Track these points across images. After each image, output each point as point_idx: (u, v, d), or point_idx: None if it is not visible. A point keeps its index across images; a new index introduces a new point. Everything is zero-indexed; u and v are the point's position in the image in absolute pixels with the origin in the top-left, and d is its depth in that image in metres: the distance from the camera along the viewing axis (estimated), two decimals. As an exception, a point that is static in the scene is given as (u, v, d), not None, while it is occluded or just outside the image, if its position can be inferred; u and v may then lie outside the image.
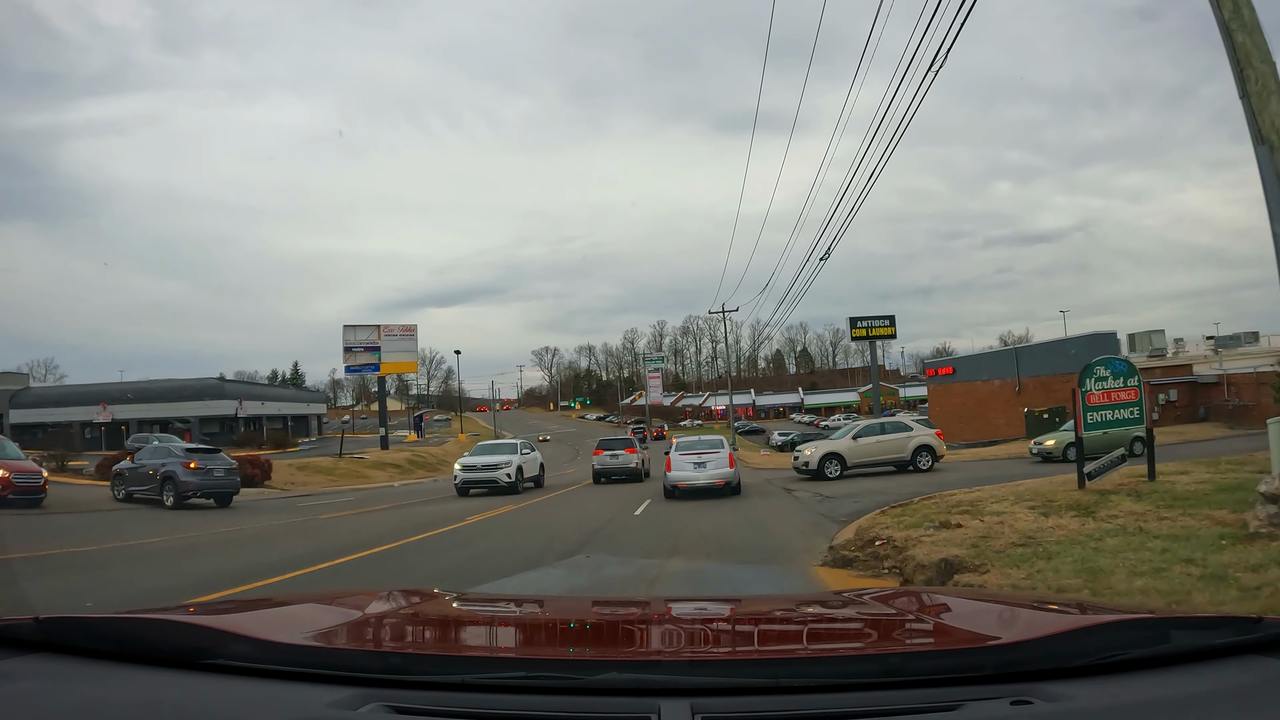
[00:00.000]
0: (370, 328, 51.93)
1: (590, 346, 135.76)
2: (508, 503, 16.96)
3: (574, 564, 7.98)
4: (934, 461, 19.66)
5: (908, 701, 1.09)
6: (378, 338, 51.52)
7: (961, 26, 8.40)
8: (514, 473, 19.53)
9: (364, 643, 1.53)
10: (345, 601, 1.99)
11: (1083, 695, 1.08)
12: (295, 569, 7.70)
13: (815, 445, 19.64)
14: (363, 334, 51.73)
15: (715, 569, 7.56)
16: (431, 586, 3.14)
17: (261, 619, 1.70)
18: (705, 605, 2.38)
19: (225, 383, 64.48)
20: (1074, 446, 15.52)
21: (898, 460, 19.40)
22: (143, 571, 8.17)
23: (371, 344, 51.37)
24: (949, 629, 1.60)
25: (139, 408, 61.57)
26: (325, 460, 38.07)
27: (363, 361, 51.38)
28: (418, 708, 1.10)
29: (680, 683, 1.13)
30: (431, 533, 11.50)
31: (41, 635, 1.28)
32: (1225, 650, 1.19)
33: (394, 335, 51.65)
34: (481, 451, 20.99)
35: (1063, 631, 1.36)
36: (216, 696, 1.14)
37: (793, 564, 7.62)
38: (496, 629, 1.85)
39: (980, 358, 42.52)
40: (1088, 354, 36.67)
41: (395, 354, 51.36)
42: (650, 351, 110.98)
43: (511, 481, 19.47)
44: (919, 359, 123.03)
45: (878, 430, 19.58)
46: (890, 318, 38.09)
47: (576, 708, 1.10)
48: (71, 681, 1.19)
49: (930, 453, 19.61)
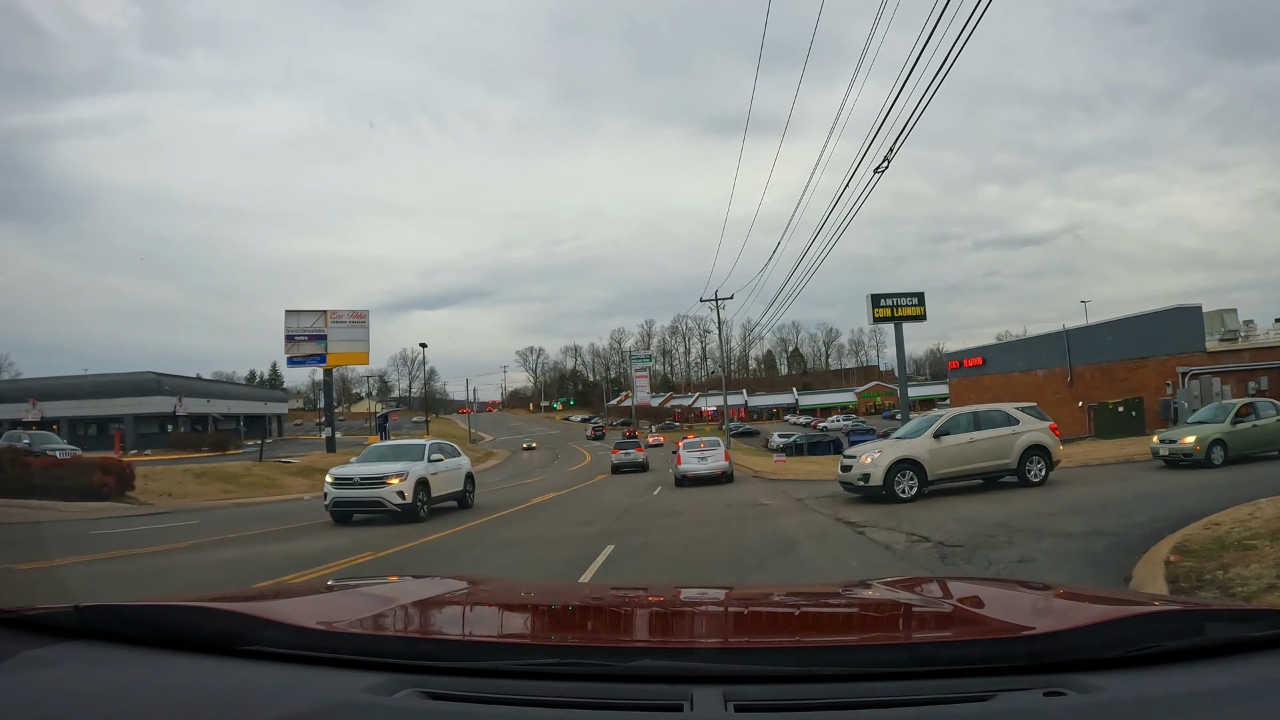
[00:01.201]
0: (315, 313, 44.56)
1: (576, 347, 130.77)
2: (399, 539, 10.06)
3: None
4: (1048, 470, 12.83)
5: (940, 691, 1.06)
6: (324, 325, 44.18)
7: (969, 36, 7.60)
8: (409, 490, 12.41)
9: (397, 629, 1.52)
10: (378, 588, 2.00)
11: (1115, 687, 1.05)
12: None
13: (875, 448, 12.55)
14: (307, 320, 44.34)
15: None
16: (463, 574, 3.00)
17: (295, 605, 1.66)
18: (737, 592, 2.32)
19: (162, 377, 56.77)
20: (1219, 445, 13.14)
21: (999, 469, 12.54)
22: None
23: (317, 332, 44.02)
24: (982, 619, 1.54)
25: (70, 405, 54.35)
26: (237, 466, 30.79)
27: (306, 352, 43.95)
28: (450, 693, 1.08)
29: (712, 670, 1.13)
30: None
31: (80, 622, 1.28)
32: (1260, 643, 1.15)
33: (342, 322, 44.31)
34: (371, 458, 13.90)
35: (1096, 622, 1.26)
36: (251, 681, 1.13)
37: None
38: (529, 616, 1.82)
39: (1018, 345, 35.82)
40: (1167, 332, 29.98)
41: (344, 343, 43.96)
42: (638, 350, 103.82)
43: (406, 504, 12.37)
44: (913, 361, 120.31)
45: (969, 423, 12.55)
46: (919, 295, 31.15)
47: (609, 694, 1.08)
48: (109, 667, 1.19)
49: (1045, 456, 12.76)
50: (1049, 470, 12.80)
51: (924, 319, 31.05)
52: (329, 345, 43.90)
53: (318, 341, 44.07)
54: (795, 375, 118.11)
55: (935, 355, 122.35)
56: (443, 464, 13.79)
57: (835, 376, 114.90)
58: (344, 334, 44.19)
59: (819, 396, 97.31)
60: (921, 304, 30.99)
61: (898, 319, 30.49)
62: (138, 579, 7.82)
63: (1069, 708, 1.01)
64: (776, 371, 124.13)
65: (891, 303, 30.56)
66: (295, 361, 44.64)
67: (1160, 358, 27.48)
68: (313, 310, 44.83)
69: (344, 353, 44.09)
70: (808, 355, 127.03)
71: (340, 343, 43.98)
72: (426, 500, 12.96)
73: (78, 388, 55.73)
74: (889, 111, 9.88)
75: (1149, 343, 27.85)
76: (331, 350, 43.88)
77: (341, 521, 12.86)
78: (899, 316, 30.51)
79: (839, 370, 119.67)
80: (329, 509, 12.89)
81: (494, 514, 13.99)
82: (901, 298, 30.80)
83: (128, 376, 56.14)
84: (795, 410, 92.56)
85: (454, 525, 12.15)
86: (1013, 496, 11.66)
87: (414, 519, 12.46)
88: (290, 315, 44.42)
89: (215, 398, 64.36)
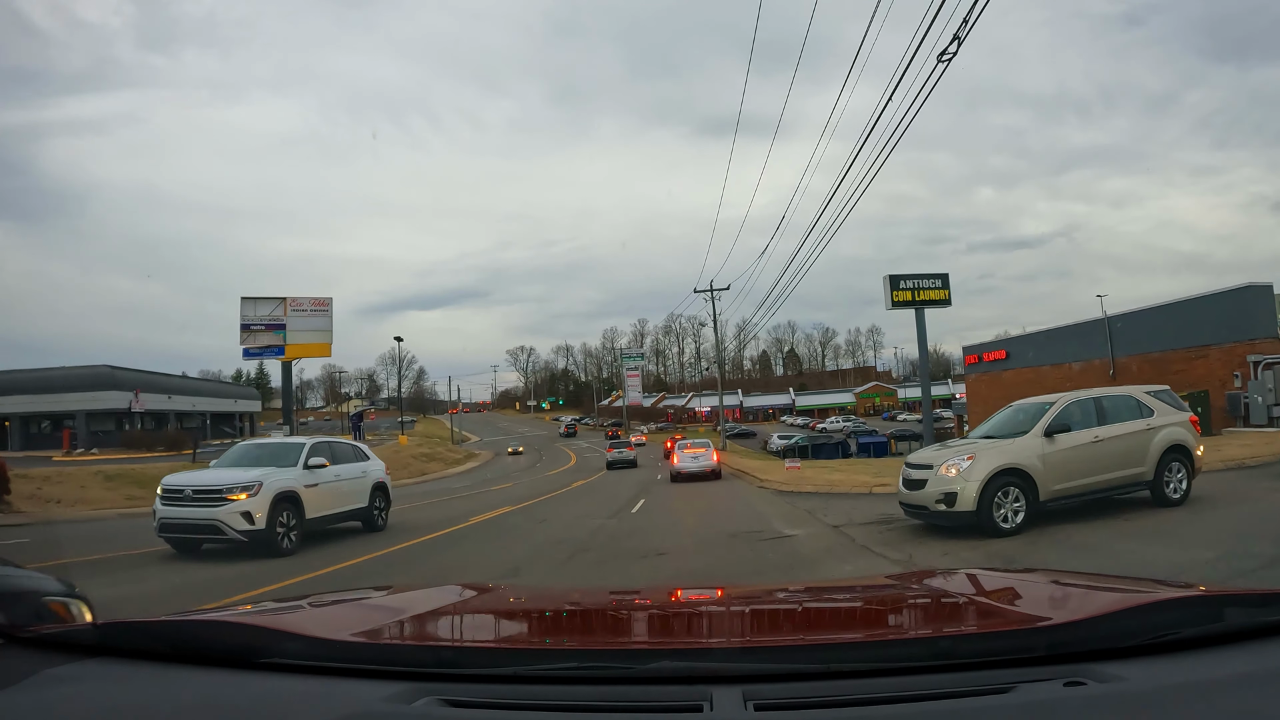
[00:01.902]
0: (274, 300, 40.27)
1: (568, 347, 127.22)
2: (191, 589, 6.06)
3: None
4: (1189, 481, 8.79)
5: (960, 684, 1.05)
6: (284, 313, 39.96)
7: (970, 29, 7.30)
8: (263, 509, 8.27)
9: (415, 637, 1.49)
10: (395, 598, 1.95)
11: (1136, 675, 1.03)
12: None
13: (961, 453, 8.15)
14: (265, 308, 40.07)
15: None
16: (481, 581, 2.76)
17: (314, 617, 1.63)
18: (754, 591, 2.29)
19: (117, 371, 52.28)
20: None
21: (1130, 480, 8.46)
22: None
23: (276, 321, 39.75)
24: (1000, 610, 1.52)
25: (23, 400, 50.25)
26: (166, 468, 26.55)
27: (264, 343, 39.66)
28: (471, 700, 1.06)
29: (731, 670, 1.11)
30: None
31: (99, 639, 1.27)
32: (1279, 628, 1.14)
33: (303, 310, 40.03)
34: (226, 462, 9.69)
35: (1114, 611, 1.26)
36: (271, 694, 1.12)
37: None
38: (546, 620, 1.77)
39: (1049, 335, 31.74)
40: (1232, 316, 25.91)
41: (305, 333, 39.65)
42: (630, 349, 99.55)
43: (255, 531, 8.25)
44: (909, 362, 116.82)
45: (1091, 415, 8.26)
46: (943, 276, 27.07)
47: (628, 696, 1.07)
48: (129, 683, 1.17)
49: (1186, 462, 8.72)
50: (1190, 481, 8.77)
51: (948, 303, 27.06)
52: (288, 335, 39.65)
53: (276, 331, 39.82)
54: (791, 376, 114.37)
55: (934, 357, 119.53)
56: (328, 472, 9.58)
57: (831, 377, 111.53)
58: (305, 323, 39.96)
59: (816, 397, 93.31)
60: (945, 287, 27.00)
61: (919, 303, 26.45)
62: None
63: (1090, 698, 0.99)
64: (772, 372, 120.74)
65: (912, 285, 26.54)
66: (251, 353, 40.44)
67: (1225, 345, 23.47)
68: (271, 297, 40.57)
69: (305, 343, 39.80)
70: (804, 356, 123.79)
71: (301, 333, 39.75)
72: (296, 523, 8.82)
73: (31, 383, 51.33)
74: (884, 108, 9.20)
75: (1211, 329, 23.81)
76: (291, 341, 39.62)
77: (185, 550, 8.79)
78: (920, 301, 26.47)
79: (835, 371, 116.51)
80: (159, 533, 8.78)
81: (405, 541, 9.88)
82: (924, 280, 26.79)
83: (82, 370, 51.57)
84: (792, 411, 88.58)
85: (324, 564, 8.04)
86: (1161, 524, 7.67)
87: (271, 550, 8.36)
88: (247, 303, 40.13)
89: (179, 394, 59.81)
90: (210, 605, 3.65)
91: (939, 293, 26.85)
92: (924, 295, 26.60)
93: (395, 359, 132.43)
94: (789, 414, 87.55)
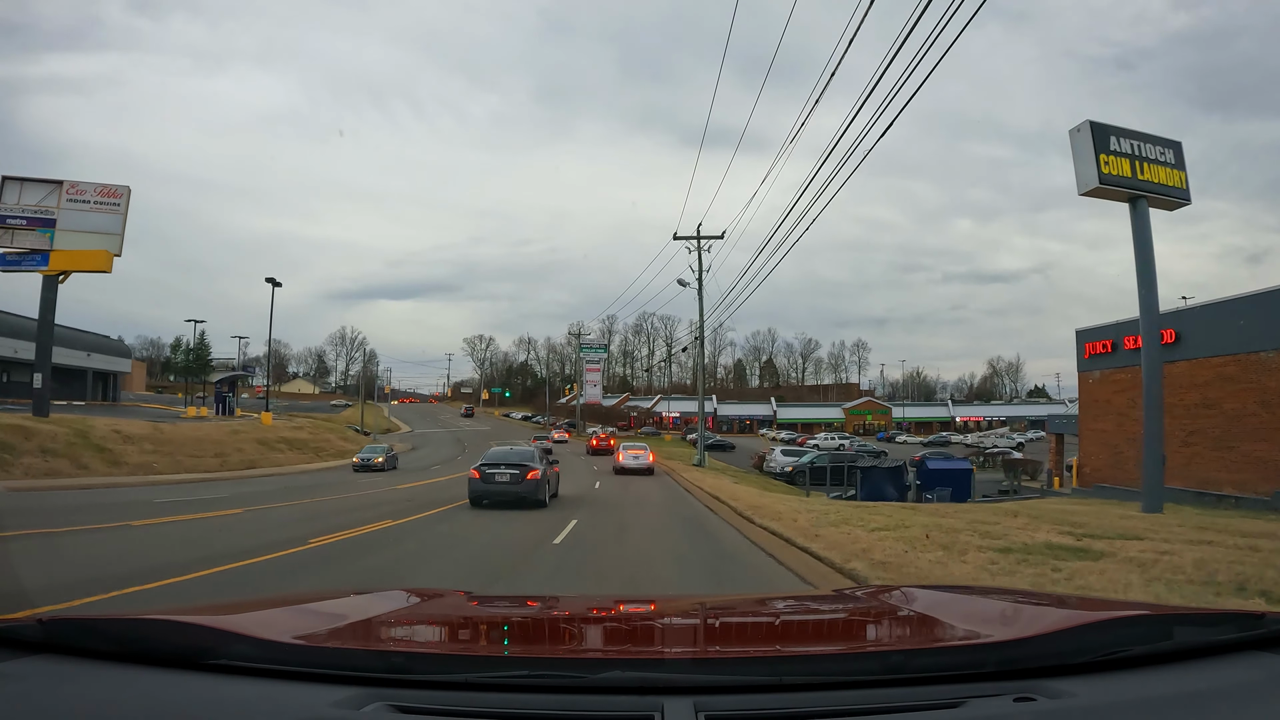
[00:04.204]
0: (47, 184, 25.37)
1: (530, 339, 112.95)
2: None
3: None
4: None
5: (910, 699, 1.02)
6: (56, 203, 25.17)
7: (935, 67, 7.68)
8: None
9: (366, 642, 1.39)
10: (346, 601, 1.87)
11: (1085, 692, 1.01)
12: None
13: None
14: (33, 194, 25.20)
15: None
16: (427, 588, 2.55)
17: (264, 619, 1.53)
18: (708, 602, 2.13)
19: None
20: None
21: None
22: None
23: (44, 214, 24.98)
24: (951, 626, 1.43)
25: None
26: None
27: (24, 245, 24.72)
28: (420, 706, 1.02)
29: (683, 680, 1.06)
30: None
31: (44, 636, 1.20)
32: (1228, 646, 1.11)
33: (82, 201, 25.10)
34: None
35: (1065, 628, 1.22)
36: (219, 697, 1.06)
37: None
38: (499, 627, 1.69)
39: (1234, 305, 18.24)
40: None
41: (81, 233, 24.76)
42: (596, 341, 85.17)
43: None
44: (889, 384, 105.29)
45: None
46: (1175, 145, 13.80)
47: (580, 706, 1.03)
48: (74, 682, 1.11)
49: None
50: None
51: (1185, 198, 13.63)
52: (56, 237, 24.83)
53: (43, 231, 24.98)
54: (768, 388, 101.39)
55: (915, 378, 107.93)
56: None
57: (812, 391, 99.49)
58: (84, 220, 25.16)
59: (801, 410, 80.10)
60: (1180, 166, 13.53)
61: (1140, 190, 12.93)
62: None
63: (1039, 713, 0.98)
64: (746, 383, 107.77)
65: (1132, 148, 12.98)
66: (8, 262, 25.29)
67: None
68: (42, 180, 25.73)
69: (80, 250, 24.94)
70: (782, 368, 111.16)
71: (76, 234, 24.95)
72: None
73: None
74: (846, 128, 9.85)
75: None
76: (59, 246, 24.79)
77: None
78: (1143, 183, 12.95)
79: (816, 386, 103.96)
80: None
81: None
82: (1150, 145, 13.25)
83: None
84: (773, 424, 75.14)
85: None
86: None
87: None
88: (9, 185, 25.27)
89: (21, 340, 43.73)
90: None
91: (1172, 173, 13.33)
92: (1148, 173, 13.04)
93: (345, 340, 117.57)
94: (768, 426, 74.21)
